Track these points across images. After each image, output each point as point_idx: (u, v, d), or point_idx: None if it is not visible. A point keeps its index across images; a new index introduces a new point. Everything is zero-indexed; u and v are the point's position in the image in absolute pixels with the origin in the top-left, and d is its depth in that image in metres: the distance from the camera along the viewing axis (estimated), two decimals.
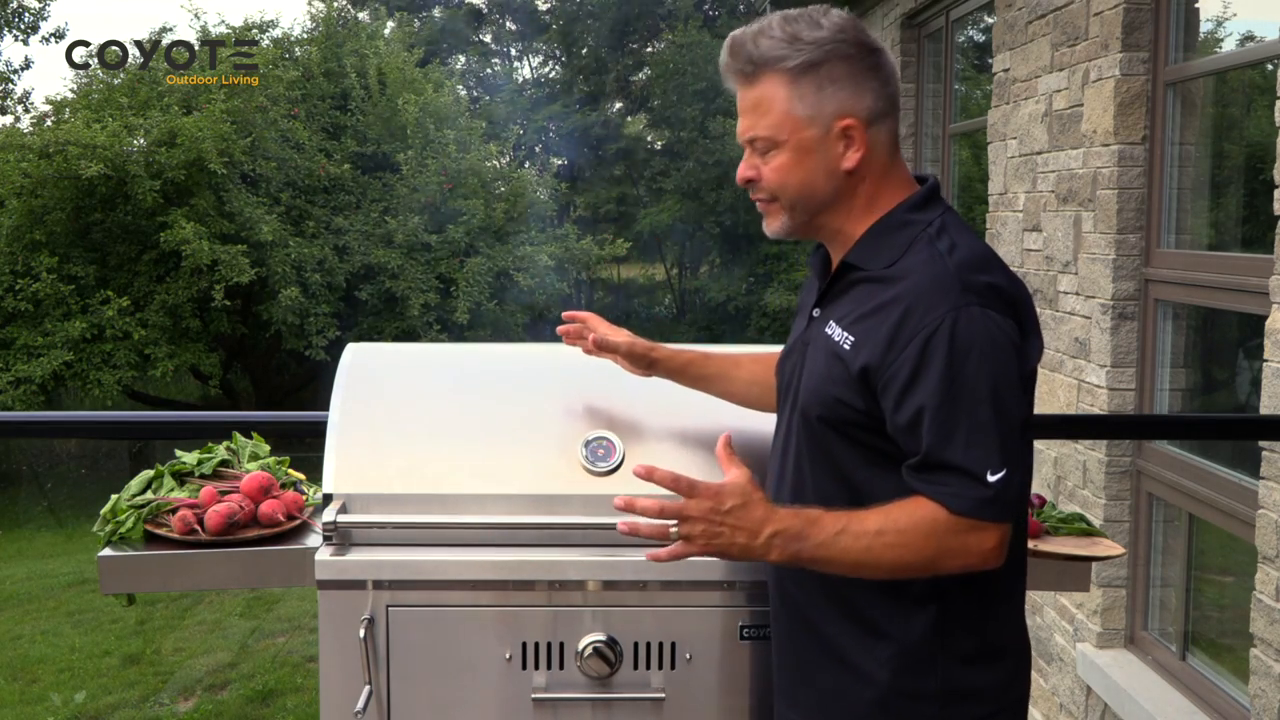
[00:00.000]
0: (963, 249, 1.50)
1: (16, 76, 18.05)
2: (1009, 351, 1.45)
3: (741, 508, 1.45)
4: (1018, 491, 1.46)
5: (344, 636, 1.78)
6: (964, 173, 6.72)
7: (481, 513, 1.84)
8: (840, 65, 1.52)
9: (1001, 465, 1.42)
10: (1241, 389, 4.20)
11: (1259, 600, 3.25)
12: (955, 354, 1.42)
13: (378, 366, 2.09)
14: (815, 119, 1.53)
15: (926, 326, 1.43)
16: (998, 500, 1.43)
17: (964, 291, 1.44)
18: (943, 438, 1.42)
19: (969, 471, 1.42)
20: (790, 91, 1.52)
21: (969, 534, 1.43)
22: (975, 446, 1.42)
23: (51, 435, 10.58)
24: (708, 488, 1.45)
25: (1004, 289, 1.48)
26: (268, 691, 6.72)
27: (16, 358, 12.42)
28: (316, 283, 13.65)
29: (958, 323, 1.42)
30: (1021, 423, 1.47)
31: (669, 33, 22.58)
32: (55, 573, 9.72)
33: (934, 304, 1.44)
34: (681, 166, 20.84)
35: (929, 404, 1.43)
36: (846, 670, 1.56)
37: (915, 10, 6.69)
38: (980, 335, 1.43)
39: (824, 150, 1.54)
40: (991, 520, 1.43)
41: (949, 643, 1.52)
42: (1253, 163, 3.99)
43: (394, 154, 14.63)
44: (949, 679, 1.51)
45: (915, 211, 1.56)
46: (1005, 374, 1.44)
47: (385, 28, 19.21)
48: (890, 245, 1.53)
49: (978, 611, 1.53)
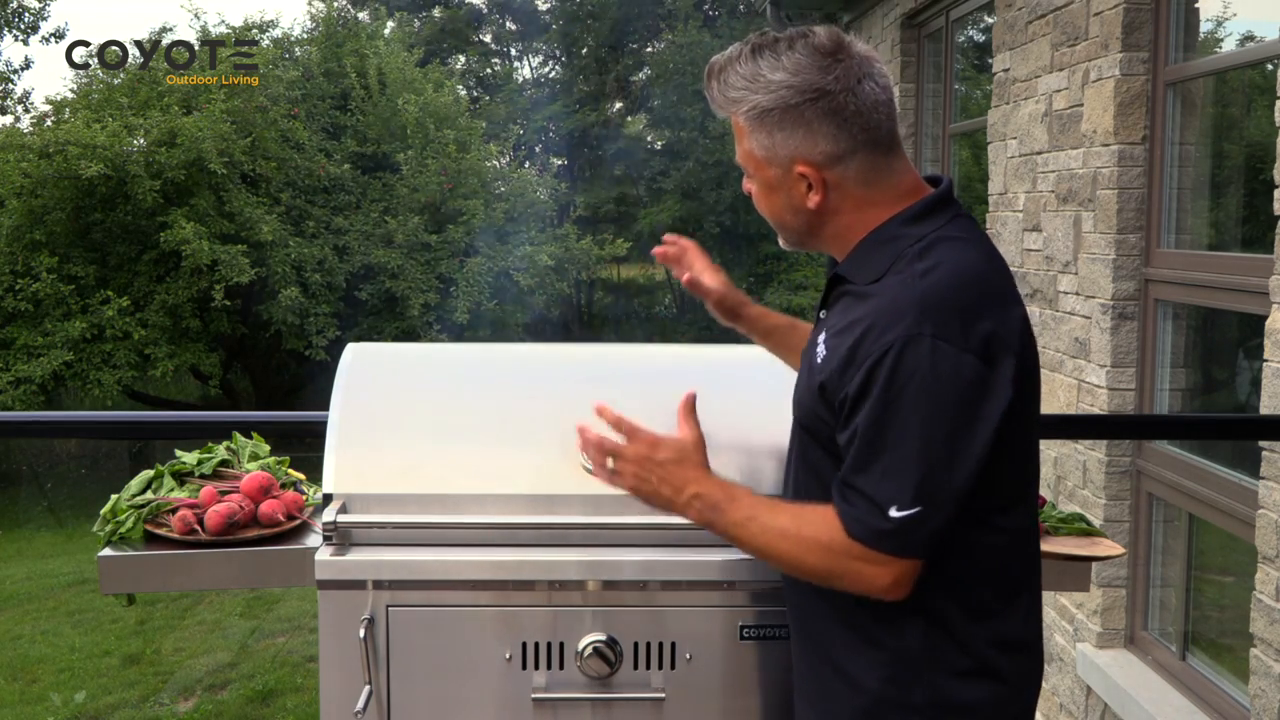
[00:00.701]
0: (943, 270, 1.45)
1: (16, 76, 18.07)
2: (956, 389, 1.39)
3: (674, 463, 1.57)
4: (930, 531, 1.42)
5: (344, 636, 1.78)
6: (964, 173, 6.72)
7: (481, 513, 1.84)
8: (789, 114, 1.50)
9: (913, 503, 1.40)
10: (1241, 389, 4.20)
11: (1259, 600, 3.25)
12: (894, 383, 1.39)
13: (378, 366, 2.09)
14: (773, 160, 1.54)
15: (875, 351, 1.41)
16: (898, 536, 1.41)
17: (920, 320, 1.40)
18: (860, 463, 1.43)
19: (874, 501, 1.41)
20: (751, 133, 1.54)
21: (862, 562, 1.44)
22: (888, 479, 1.40)
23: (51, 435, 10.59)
24: (646, 436, 1.58)
25: (973, 318, 1.42)
26: (268, 691, 6.73)
27: (16, 358, 12.42)
28: (316, 283, 13.66)
29: (904, 352, 1.39)
30: (954, 464, 1.41)
31: (669, 33, 22.59)
32: (55, 573, 9.72)
33: (887, 329, 1.41)
34: (681, 166, 20.85)
35: (860, 428, 1.42)
36: (838, 675, 1.56)
37: (915, 10, 6.69)
38: (923, 368, 1.38)
39: (786, 189, 1.55)
40: (889, 553, 1.42)
41: (939, 655, 1.50)
42: (1253, 163, 3.99)
43: (394, 154, 14.63)
44: (937, 691, 1.49)
45: (910, 225, 1.52)
46: (941, 410, 1.39)
47: (385, 28, 19.23)
48: (877, 260, 1.51)
49: (970, 627, 1.51)
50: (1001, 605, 1.53)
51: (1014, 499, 1.53)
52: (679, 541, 1.83)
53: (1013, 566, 1.55)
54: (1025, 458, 1.53)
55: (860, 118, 1.50)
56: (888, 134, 1.53)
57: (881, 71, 1.54)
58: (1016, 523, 1.54)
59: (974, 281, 1.46)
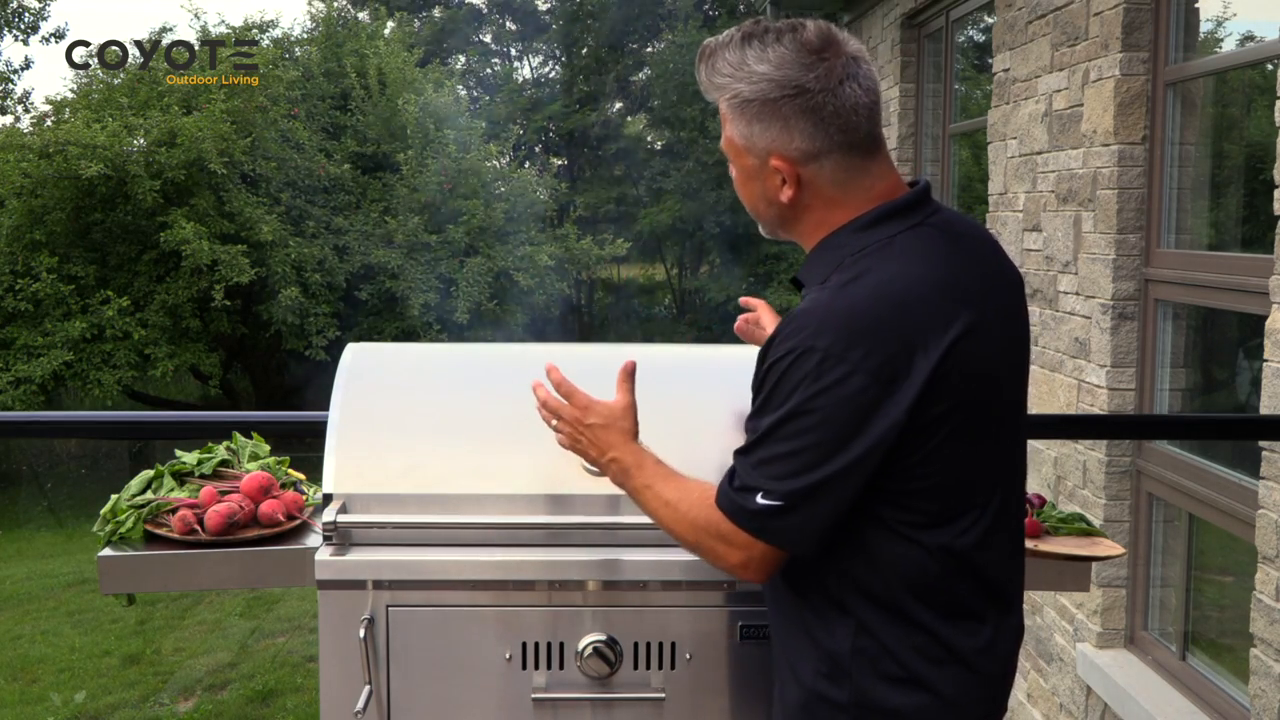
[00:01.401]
0: (860, 285, 1.45)
1: (16, 76, 18.06)
2: (838, 402, 1.41)
3: (601, 428, 1.67)
4: (802, 528, 1.46)
5: (344, 636, 1.78)
6: (964, 173, 6.72)
7: (481, 513, 1.84)
8: (768, 107, 1.51)
9: (778, 497, 1.45)
10: (1241, 389, 4.20)
11: (1259, 600, 3.25)
12: (781, 387, 1.45)
13: (378, 366, 2.09)
14: (751, 150, 1.56)
15: (774, 355, 1.47)
16: (756, 519, 1.47)
17: (816, 334, 1.43)
18: (745, 449, 1.50)
19: (745, 485, 1.48)
20: (731, 121, 1.56)
21: (719, 539, 1.52)
22: (761, 468, 1.47)
23: (51, 435, 10.59)
24: (581, 399, 1.69)
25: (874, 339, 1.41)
26: (268, 691, 6.73)
27: (16, 358, 12.42)
28: (316, 283, 13.66)
29: (795, 361, 1.44)
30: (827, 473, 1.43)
31: (669, 33, 22.59)
32: (55, 573, 9.72)
33: (788, 336, 1.46)
34: (681, 166, 20.85)
35: (751, 418, 1.51)
36: (788, 667, 1.61)
37: (915, 10, 6.69)
38: (809, 380, 1.42)
39: (762, 179, 1.57)
40: (746, 531, 1.48)
41: (865, 658, 1.51)
42: (1253, 163, 3.99)
43: (394, 154, 14.63)
44: (862, 693, 1.51)
45: (858, 233, 1.53)
46: (819, 421, 1.42)
47: (385, 28, 19.21)
48: (822, 266, 1.54)
49: (893, 636, 1.51)
50: (939, 620, 1.51)
51: (939, 517, 1.50)
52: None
53: (952, 584, 1.52)
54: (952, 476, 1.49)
55: (838, 118, 1.50)
56: (867, 136, 1.53)
57: (868, 74, 1.53)
58: (951, 540, 1.50)
59: (891, 301, 1.44)
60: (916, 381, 1.42)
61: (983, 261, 1.58)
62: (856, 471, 1.44)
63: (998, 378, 1.53)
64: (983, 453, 1.53)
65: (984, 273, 1.56)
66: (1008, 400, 1.58)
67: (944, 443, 1.47)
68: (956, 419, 1.47)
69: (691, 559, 1.80)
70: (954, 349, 1.44)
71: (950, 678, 1.52)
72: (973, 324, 1.47)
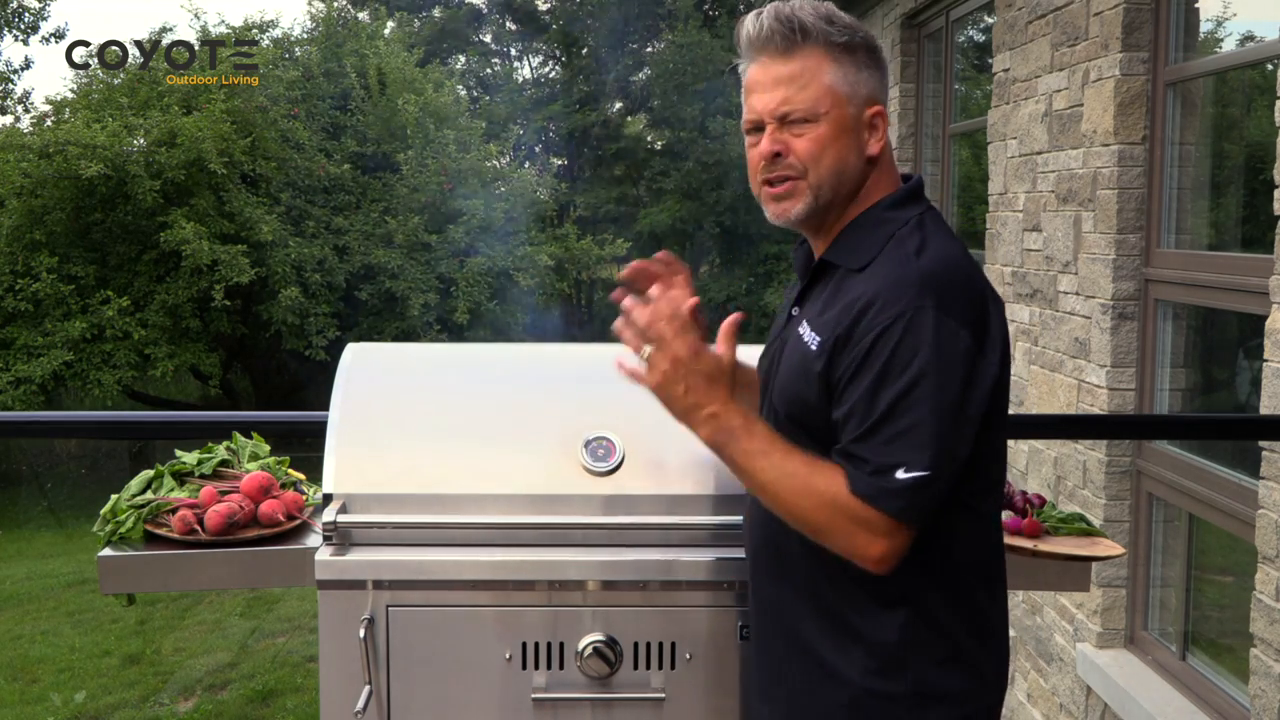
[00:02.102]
0: (932, 250, 1.49)
1: (16, 76, 18.04)
2: (958, 360, 1.43)
3: (708, 376, 1.51)
4: (930, 498, 1.44)
5: (344, 636, 1.78)
6: (964, 173, 6.72)
7: (481, 513, 1.84)
8: (869, 55, 1.56)
9: (920, 466, 1.41)
10: (1241, 389, 4.20)
11: (1259, 600, 3.25)
12: (900, 354, 1.42)
13: (378, 366, 2.09)
14: (852, 99, 1.55)
15: (879, 325, 1.44)
16: (902, 497, 1.42)
17: (921, 293, 1.43)
18: (865, 432, 1.44)
19: (880, 466, 1.42)
20: (834, 66, 1.54)
21: (859, 525, 1.44)
22: (895, 444, 1.42)
23: (51, 435, 10.58)
24: (696, 341, 1.52)
25: (967, 295, 1.46)
26: (268, 691, 6.73)
27: (16, 358, 12.41)
28: (316, 283, 13.65)
29: (910, 324, 1.42)
30: (959, 433, 1.44)
31: (669, 33, 22.56)
32: (55, 573, 9.72)
33: (890, 303, 1.44)
34: (681, 166, 20.83)
35: (862, 399, 1.44)
36: (819, 669, 1.56)
37: (915, 10, 6.69)
38: (929, 339, 1.41)
39: (856, 132, 1.56)
40: (890, 515, 1.42)
41: (920, 645, 1.51)
42: (1253, 163, 3.99)
43: (394, 154, 14.62)
44: (920, 681, 1.51)
45: (893, 209, 1.56)
46: (948, 381, 1.42)
47: (385, 28, 19.20)
48: (867, 243, 1.54)
49: (952, 616, 1.53)
50: (982, 593, 1.56)
51: (992, 482, 1.56)
52: (679, 542, 1.83)
53: (989, 553, 1.57)
54: (1002, 442, 1.57)
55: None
56: None
57: None
58: (991, 507, 1.57)
59: (962, 265, 1.50)
60: (996, 340, 1.48)
61: None
62: (974, 430, 1.45)
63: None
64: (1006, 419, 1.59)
65: None
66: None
67: (1003, 405, 1.52)
68: (1007, 384, 1.53)
69: (691, 558, 1.80)
70: (1003, 315, 1.52)
71: (991, 652, 1.57)
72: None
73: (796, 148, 1.54)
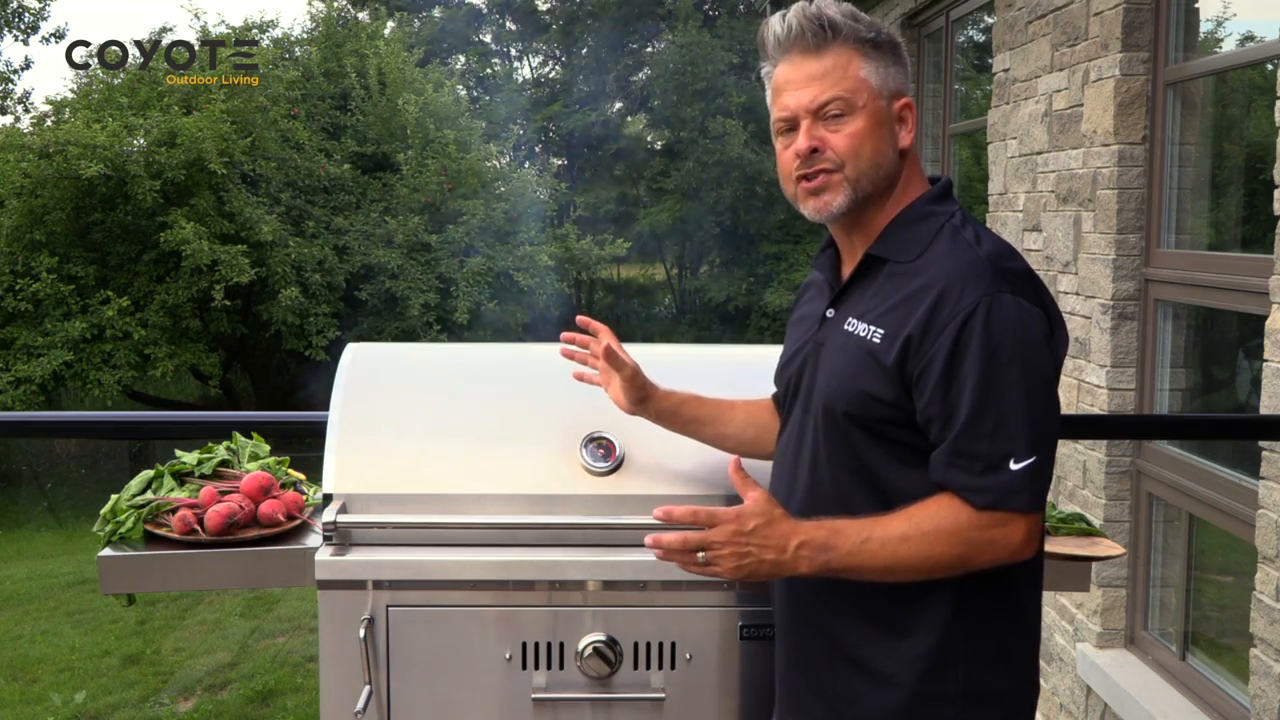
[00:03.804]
0: (988, 240, 1.52)
1: (16, 76, 18.06)
2: (1040, 341, 1.46)
3: (766, 525, 1.45)
4: (1046, 480, 1.45)
5: (344, 636, 1.78)
6: (964, 173, 6.72)
7: (481, 513, 1.84)
8: (897, 51, 1.59)
9: (1029, 453, 1.42)
10: (1241, 389, 4.19)
11: (1259, 600, 3.25)
12: (989, 340, 1.42)
13: (378, 366, 2.09)
14: (883, 91, 1.56)
15: (961, 312, 1.43)
16: (1023, 489, 1.42)
17: (996, 279, 1.45)
18: (969, 424, 1.42)
19: (993, 461, 1.42)
20: (865, 61, 1.55)
21: (994, 529, 1.43)
22: (1001, 434, 1.42)
23: (51, 435, 10.58)
24: (727, 514, 1.46)
25: (1033, 281, 1.50)
26: (268, 691, 6.73)
27: (16, 358, 12.41)
28: (316, 283, 13.65)
29: (992, 309, 1.43)
30: (1051, 412, 1.47)
31: (669, 33, 22.57)
32: (55, 573, 9.71)
33: (967, 290, 1.44)
34: (681, 166, 20.83)
35: (960, 390, 1.43)
36: (862, 673, 1.53)
37: (915, 10, 6.69)
38: (1013, 323, 1.43)
39: (889, 124, 1.57)
40: (1017, 511, 1.43)
41: (969, 642, 1.50)
42: (1253, 163, 3.99)
43: (394, 154, 14.62)
44: (970, 681, 1.50)
45: (936, 204, 1.58)
46: (1036, 363, 1.45)
47: (385, 28, 19.19)
48: (916, 236, 1.54)
49: (996, 611, 1.52)
50: (1027, 590, 1.56)
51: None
52: None
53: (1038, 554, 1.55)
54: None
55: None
56: None
57: None
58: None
59: (1019, 255, 1.54)
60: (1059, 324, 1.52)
61: None
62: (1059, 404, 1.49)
63: None
64: None
65: None
66: None
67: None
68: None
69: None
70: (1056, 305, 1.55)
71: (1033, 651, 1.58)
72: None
73: (834, 142, 1.54)
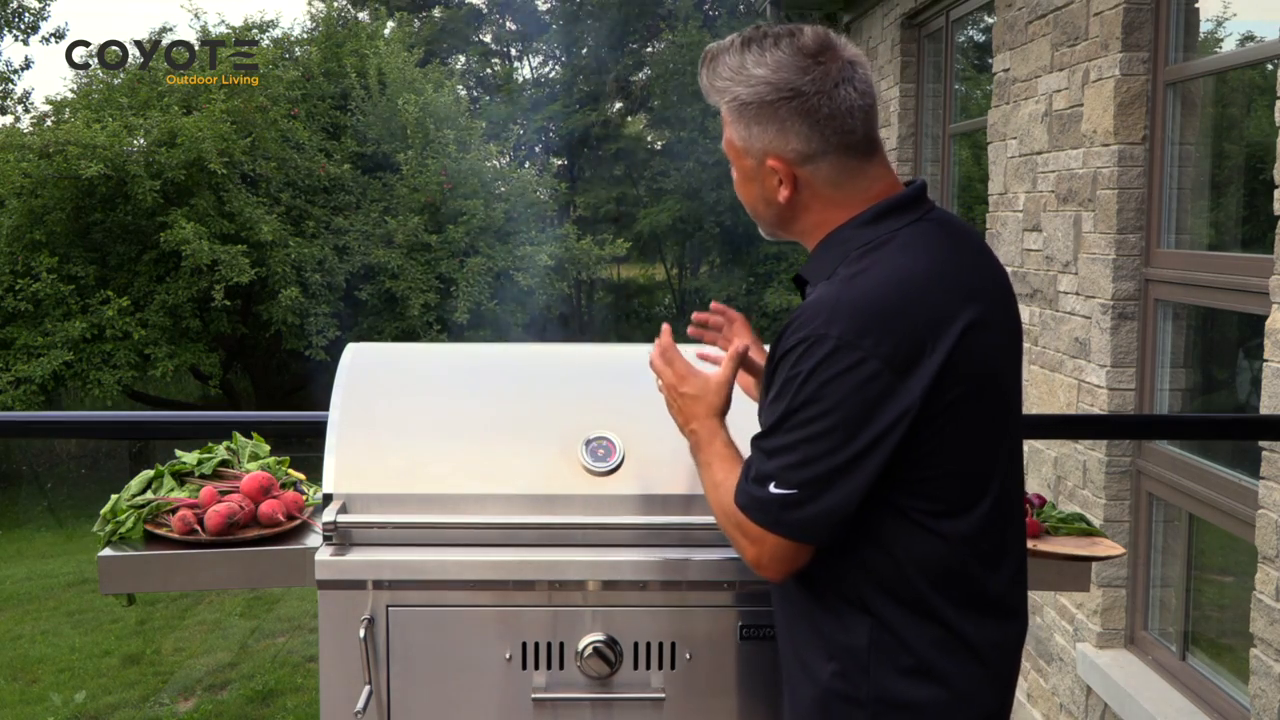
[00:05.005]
0: (870, 275, 1.48)
1: (16, 76, 18.07)
2: (852, 388, 1.43)
3: (691, 398, 1.68)
4: (806, 517, 1.47)
5: (344, 636, 1.78)
6: (964, 173, 6.72)
7: (481, 513, 1.84)
8: (765, 110, 1.55)
9: (789, 485, 1.47)
10: (1241, 389, 4.20)
11: (1259, 600, 3.25)
12: (794, 376, 1.47)
13: (378, 366, 2.09)
14: (749, 151, 1.59)
15: (784, 348, 1.50)
16: (768, 511, 1.49)
17: (828, 322, 1.45)
18: (757, 438, 1.53)
19: (759, 476, 1.51)
20: (731, 122, 1.60)
21: (739, 531, 1.54)
22: (774, 458, 1.49)
23: (51, 435, 10.58)
24: (680, 367, 1.72)
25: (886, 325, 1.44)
26: (268, 691, 6.73)
27: (16, 358, 12.41)
28: (316, 283, 13.65)
29: (808, 349, 1.46)
30: (842, 459, 1.45)
31: (669, 33, 22.57)
32: (55, 573, 9.72)
33: (799, 328, 1.48)
34: (681, 166, 20.84)
35: (765, 410, 1.53)
36: (801, 666, 1.61)
37: (915, 10, 6.69)
38: (822, 366, 1.44)
39: (760, 180, 1.61)
40: (760, 525, 1.50)
41: (883, 652, 1.52)
42: (1253, 163, 3.99)
43: (394, 154, 14.63)
44: (882, 688, 1.52)
45: (863, 228, 1.56)
46: (832, 407, 1.44)
47: (385, 28, 19.20)
48: (827, 261, 1.57)
49: (913, 627, 1.52)
50: (952, 611, 1.53)
51: (956, 505, 1.51)
52: (679, 542, 1.83)
53: (968, 575, 1.53)
54: (964, 466, 1.52)
55: (834, 121, 1.53)
56: (864, 139, 1.56)
57: (864, 77, 1.56)
58: (966, 530, 1.52)
59: (900, 290, 1.48)
60: (929, 369, 1.45)
61: (981, 258, 1.61)
62: (870, 459, 1.46)
63: (1000, 372, 1.56)
64: (990, 445, 1.55)
65: (983, 269, 1.59)
66: (1008, 395, 1.59)
67: (956, 431, 1.49)
68: (966, 409, 1.49)
69: (691, 558, 1.81)
70: (962, 340, 1.48)
71: (962, 670, 1.54)
72: (977, 317, 1.50)
73: (734, 181, 1.68)
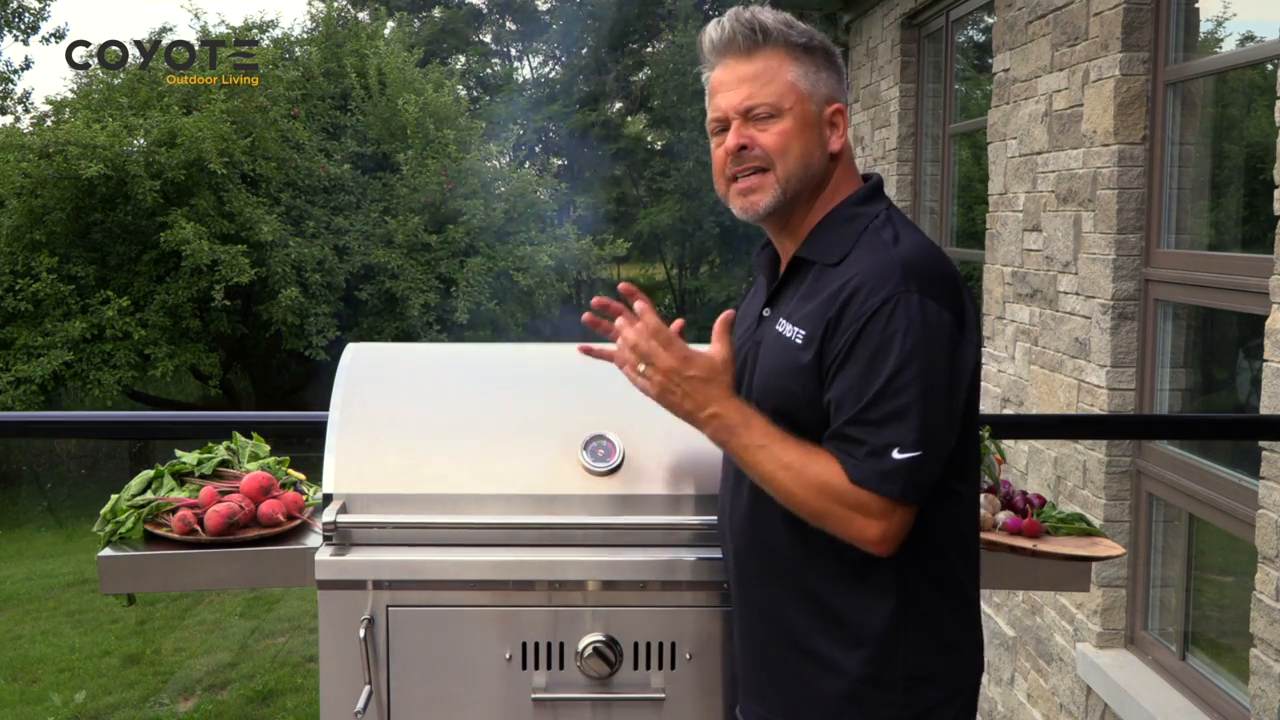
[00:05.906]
0: (906, 240, 1.55)
1: (16, 76, 18.07)
2: (943, 341, 1.48)
3: (701, 380, 1.58)
4: (927, 478, 1.49)
5: (344, 636, 1.78)
6: (964, 173, 6.72)
7: (481, 513, 1.84)
8: (828, 57, 1.63)
9: (915, 445, 1.46)
10: (1241, 389, 4.19)
11: (1259, 600, 3.25)
12: (888, 336, 1.47)
13: (378, 366, 2.09)
14: (813, 96, 1.61)
15: (868, 310, 1.49)
16: (898, 477, 1.47)
17: (904, 278, 1.49)
18: (857, 414, 1.48)
19: (876, 448, 1.47)
20: (794, 66, 1.60)
21: (857, 510, 1.48)
22: (889, 425, 1.47)
23: (51, 435, 10.58)
24: (681, 349, 1.60)
25: (945, 281, 1.52)
26: (268, 691, 6.73)
27: (16, 358, 12.41)
28: (316, 283, 13.65)
29: (896, 308, 1.47)
30: (945, 412, 1.49)
31: (669, 33, 22.57)
32: (55, 573, 9.72)
33: (875, 290, 1.49)
34: (681, 166, 20.84)
35: (852, 383, 1.49)
36: (813, 662, 1.58)
37: (915, 10, 6.69)
38: (915, 321, 1.47)
39: (818, 128, 1.62)
40: (888, 497, 1.47)
41: (910, 633, 1.55)
42: (1253, 163, 3.99)
43: (394, 154, 14.62)
44: (912, 665, 1.55)
45: (861, 205, 1.62)
46: (936, 361, 1.48)
47: (385, 28, 19.19)
48: (840, 238, 1.59)
49: (937, 600, 1.57)
50: (965, 575, 1.61)
51: (971, 464, 1.60)
52: (679, 541, 1.83)
53: (970, 535, 1.62)
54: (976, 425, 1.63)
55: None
56: None
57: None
58: (971, 490, 1.61)
59: (936, 253, 1.57)
60: (973, 326, 1.53)
61: None
62: (961, 410, 1.51)
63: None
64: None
65: None
66: None
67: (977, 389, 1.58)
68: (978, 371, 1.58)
69: (691, 558, 1.81)
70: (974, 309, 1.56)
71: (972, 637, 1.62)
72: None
73: (762, 141, 1.60)
